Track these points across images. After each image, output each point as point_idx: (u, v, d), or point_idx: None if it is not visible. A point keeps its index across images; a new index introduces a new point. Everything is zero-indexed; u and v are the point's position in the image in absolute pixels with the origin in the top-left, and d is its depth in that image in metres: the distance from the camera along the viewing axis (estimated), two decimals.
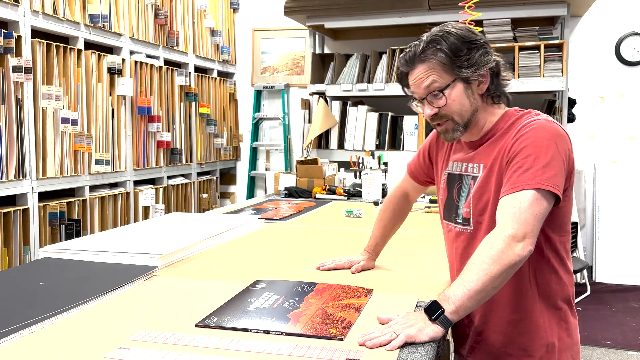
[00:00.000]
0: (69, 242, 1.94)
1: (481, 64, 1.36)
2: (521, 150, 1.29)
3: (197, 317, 1.25)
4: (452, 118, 1.39)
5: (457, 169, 1.48)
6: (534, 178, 1.24)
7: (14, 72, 2.89)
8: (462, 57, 1.34)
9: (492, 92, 1.41)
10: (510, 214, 1.22)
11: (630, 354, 3.29)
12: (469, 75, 1.35)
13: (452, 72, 1.35)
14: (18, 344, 1.13)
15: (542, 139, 1.28)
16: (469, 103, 1.38)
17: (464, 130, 1.41)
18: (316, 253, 1.95)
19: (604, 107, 4.72)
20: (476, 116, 1.40)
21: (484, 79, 1.38)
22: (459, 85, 1.36)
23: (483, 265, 1.18)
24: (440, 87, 1.36)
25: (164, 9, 4.21)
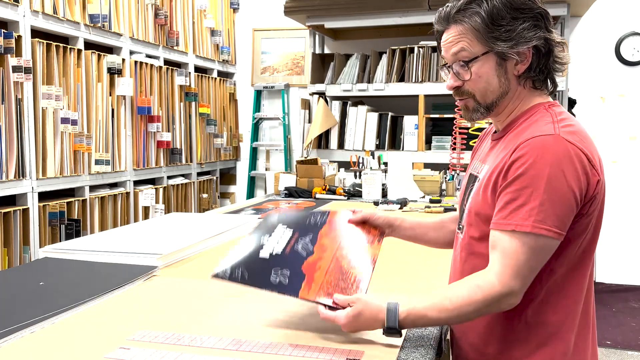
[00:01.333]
0: (69, 242, 1.94)
1: (523, 39, 1.13)
2: (519, 176, 1.08)
3: (197, 318, 1.25)
4: (473, 96, 1.20)
5: (476, 169, 1.29)
6: (527, 217, 1.05)
7: (13, 72, 2.89)
8: (501, 27, 1.12)
9: (532, 76, 1.18)
10: (507, 266, 1.06)
11: (630, 354, 3.29)
12: (505, 50, 1.13)
13: (486, 42, 1.14)
14: (18, 344, 1.13)
15: (544, 165, 1.05)
16: (497, 83, 1.17)
17: (486, 113, 1.21)
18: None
19: (604, 107, 4.72)
20: (504, 101, 1.19)
21: (524, 59, 1.16)
22: (492, 59, 1.15)
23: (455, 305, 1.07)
24: (468, 58, 1.16)
25: (163, 9, 4.20)
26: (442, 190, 3.46)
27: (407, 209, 2.92)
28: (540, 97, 1.22)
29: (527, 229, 1.05)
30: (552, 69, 1.20)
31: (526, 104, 1.20)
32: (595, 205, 1.12)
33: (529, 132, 1.12)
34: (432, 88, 4.13)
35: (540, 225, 1.05)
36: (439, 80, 4.14)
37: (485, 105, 1.20)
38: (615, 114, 4.69)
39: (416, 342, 1.15)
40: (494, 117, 1.25)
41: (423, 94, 4.11)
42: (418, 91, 4.14)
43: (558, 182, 1.05)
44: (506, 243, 1.07)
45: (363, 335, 1.14)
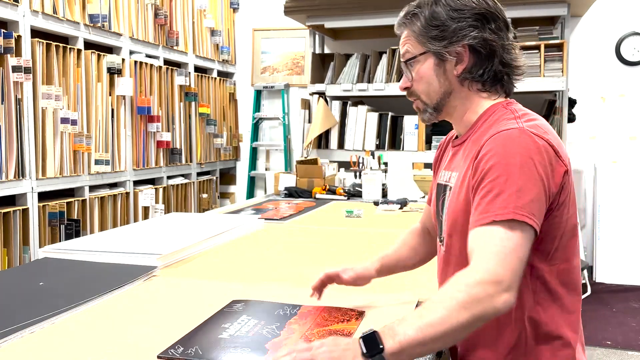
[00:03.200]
0: (69, 242, 1.94)
1: (456, 38, 1.14)
2: (490, 169, 1.04)
3: (197, 318, 1.25)
4: (419, 97, 1.22)
5: (444, 178, 1.26)
6: (505, 206, 1.00)
7: (13, 72, 2.89)
8: (437, 27, 1.15)
9: (475, 77, 1.17)
10: (492, 253, 0.97)
11: (630, 354, 3.29)
12: (439, 49, 1.15)
13: (423, 43, 1.17)
14: (18, 344, 1.13)
15: (512, 155, 1.03)
16: (437, 84, 1.18)
17: (435, 113, 1.22)
18: (316, 253, 1.95)
19: (604, 107, 4.72)
20: (450, 102, 1.20)
21: (462, 58, 1.16)
22: (430, 60, 1.17)
23: (449, 311, 0.92)
24: (408, 58, 1.20)
25: (163, 9, 4.20)
26: None
27: (407, 209, 2.92)
28: (495, 99, 1.20)
29: (508, 216, 0.99)
30: (500, 71, 1.18)
31: (481, 106, 1.19)
32: (565, 196, 1.10)
33: (492, 130, 1.11)
34: None
35: (521, 212, 1.00)
36: None
37: (432, 105, 1.21)
38: (615, 114, 4.69)
39: None
40: (449, 120, 1.26)
41: None
42: None
43: (529, 170, 1.02)
44: (487, 236, 1.00)
45: None
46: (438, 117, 1.23)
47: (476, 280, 0.95)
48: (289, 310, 1.29)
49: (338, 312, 1.27)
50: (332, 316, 1.25)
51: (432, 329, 0.91)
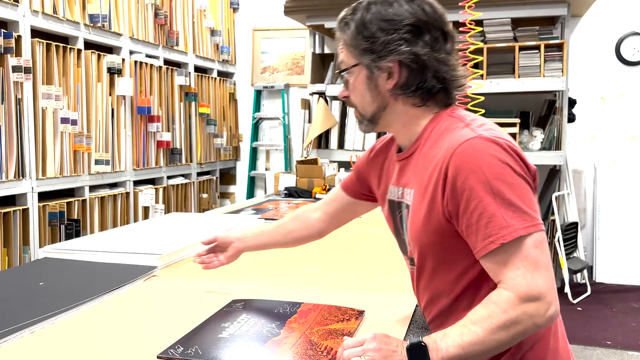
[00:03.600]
0: (69, 242, 1.94)
1: (385, 53, 1.06)
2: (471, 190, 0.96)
3: (197, 317, 1.25)
4: (356, 107, 1.16)
5: (396, 194, 1.18)
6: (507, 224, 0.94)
7: (13, 72, 2.89)
8: (367, 39, 1.08)
9: (408, 91, 1.08)
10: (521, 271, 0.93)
11: (630, 354, 3.29)
12: (368, 63, 1.08)
13: (356, 55, 1.10)
14: (18, 344, 1.13)
15: (488, 165, 0.96)
16: (370, 97, 1.11)
17: (371, 125, 1.15)
18: (316, 253, 1.95)
19: (604, 107, 4.72)
20: (385, 115, 1.13)
21: (392, 73, 1.08)
22: (362, 72, 1.11)
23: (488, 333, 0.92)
24: (343, 69, 1.14)
25: (163, 9, 4.20)
26: None
27: None
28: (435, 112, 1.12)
29: (513, 235, 0.94)
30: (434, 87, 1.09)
31: (421, 118, 1.11)
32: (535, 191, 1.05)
33: (448, 143, 1.02)
34: None
35: (523, 225, 0.94)
36: None
37: (366, 118, 1.15)
38: (615, 114, 4.69)
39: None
40: (389, 132, 1.21)
41: None
42: None
43: (510, 175, 0.96)
44: (504, 260, 0.94)
45: None
46: (376, 129, 1.17)
47: (512, 304, 0.92)
48: (289, 308, 1.29)
49: (338, 311, 1.27)
50: (332, 315, 1.25)
51: (473, 348, 0.92)
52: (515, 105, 4.39)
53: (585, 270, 4.30)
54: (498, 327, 0.92)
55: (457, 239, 1.01)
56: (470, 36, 3.15)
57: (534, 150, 4.23)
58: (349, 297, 1.38)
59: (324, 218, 1.43)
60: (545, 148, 4.24)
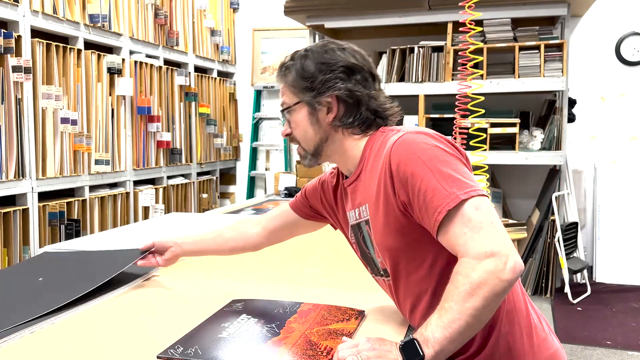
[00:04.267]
0: (69, 242, 1.94)
1: (324, 89, 1.20)
2: (412, 174, 1.05)
3: (196, 317, 1.25)
4: (299, 143, 1.28)
5: (354, 218, 1.25)
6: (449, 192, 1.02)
7: (13, 72, 2.89)
8: (308, 79, 1.22)
9: (345, 123, 1.22)
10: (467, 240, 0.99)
11: (630, 354, 3.29)
12: (309, 99, 1.22)
13: (297, 94, 1.24)
14: (18, 344, 1.13)
15: (419, 151, 1.07)
16: (312, 131, 1.24)
17: (313, 159, 1.28)
18: (316, 253, 1.95)
19: (604, 107, 4.72)
20: (327, 147, 1.25)
21: (331, 107, 1.21)
22: (304, 109, 1.23)
23: (461, 304, 0.96)
24: (285, 108, 1.26)
25: (163, 9, 4.20)
26: None
27: None
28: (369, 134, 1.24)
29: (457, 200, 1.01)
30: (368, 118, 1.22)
31: (359, 144, 1.23)
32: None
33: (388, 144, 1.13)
34: (432, 88, 4.13)
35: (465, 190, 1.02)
36: (439, 81, 4.14)
37: (310, 152, 1.27)
38: (615, 114, 4.69)
39: None
40: (331, 161, 1.30)
41: (423, 94, 4.11)
42: (418, 91, 4.14)
43: (443, 155, 1.07)
44: (453, 227, 1.01)
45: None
46: (318, 161, 1.29)
47: (471, 266, 0.97)
48: (289, 308, 1.29)
49: (338, 311, 1.27)
50: (332, 315, 1.25)
51: (455, 324, 0.96)
52: (515, 105, 4.39)
53: (585, 270, 4.30)
54: (467, 294, 0.96)
55: (419, 231, 1.09)
56: (470, 36, 3.15)
57: (534, 150, 4.23)
58: (349, 297, 1.38)
59: (262, 233, 1.51)
60: (545, 148, 4.24)
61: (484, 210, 1.01)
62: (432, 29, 4.30)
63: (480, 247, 0.98)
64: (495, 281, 0.96)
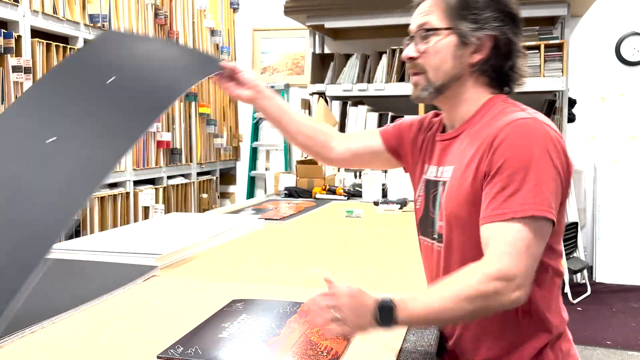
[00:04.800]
0: (69, 242, 1.94)
1: (487, 27, 1.13)
2: (505, 162, 1.03)
3: (197, 317, 1.25)
4: (426, 72, 1.17)
5: (433, 174, 1.23)
6: (524, 203, 1.00)
7: (13, 72, 2.89)
8: (471, 9, 1.13)
9: (488, 70, 1.17)
10: (506, 251, 0.98)
11: (630, 354, 3.29)
12: (467, 31, 1.13)
13: (452, 19, 1.14)
14: (18, 344, 1.13)
15: (530, 147, 1.03)
16: (451, 64, 1.15)
17: (435, 94, 1.18)
18: (316, 253, 1.95)
19: (604, 107, 4.72)
20: (454, 87, 1.17)
21: (482, 48, 1.15)
22: (452, 38, 1.14)
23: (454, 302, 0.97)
24: (430, 28, 1.16)
25: (163, 9, 4.20)
26: None
27: (407, 209, 2.92)
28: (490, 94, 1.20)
29: (527, 213, 0.99)
30: (508, 75, 1.19)
31: (480, 100, 1.18)
32: (567, 190, 1.09)
33: (501, 121, 1.09)
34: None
35: (540, 207, 1.00)
36: None
37: (435, 85, 1.17)
38: (615, 114, 4.69)
39: (416, 343, 1.14)
40: (443, 106, 1.23)
41: None
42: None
43: (546, 163, 1.02)
44: (502, 233, 1.00)
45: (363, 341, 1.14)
46: (435, 100, 1.20)
47: (486, 277, 0.97)
48: (289, 308, 1.29)
49: None
50: None
51: (438, 314, 0.98)
52: None
53: (585, 270, 4.31)
54: (467, 296, 0.96)
55: None
56: None
57: None
58: None
59: (341, 150, 1.45)
60: None
61: (539, 238, 1.00)
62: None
63: (509, 267, 0.97)
64: (495, 301, 0.97)
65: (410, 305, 0.98)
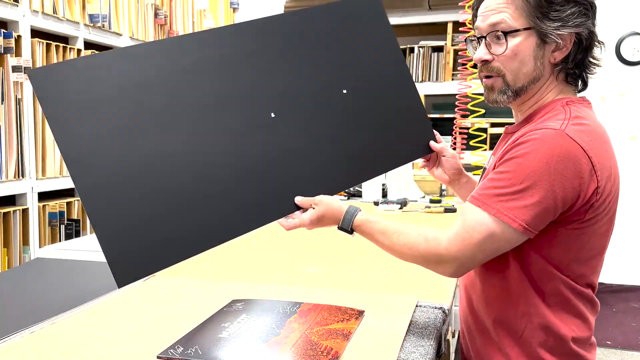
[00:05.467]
0: (69, 242, 1.94)
1: (570, 24, 1.06)
2: (509, 160, 1.05)
3: (196, 317, 1.25)
4: (504, 75, 1.12)
5: (487, 162, 1.29)
6: (498, 201, 1.02)
7: (13, 71, 2.89)
8: (552, 5, 1.05)
9: (569, 66, 1.12)
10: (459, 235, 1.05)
11: (630, 354, 3.29)
12: (549, 30, 1.06)
13: (530, 18, 1.07)
14: (18, 344, 1.13)
15: (536, 159, 1.01)
16: (532, 66, 1.10)
17: (513, 97, 1.14)
18: (316, 253, 1.95)
19: (604, 107, 4.72)
20: (533, 88, 1.13)
21: (564, 46, 1.09)
22: (532, 38, 1.08)
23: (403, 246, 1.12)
24: (508, 29, 1.08)
25: (163, 9, 4.20)
26: (442, 191, 3.46)
27: (407, 209, 2.92)
28: (568, 94, 1.17)
29: (492, 211, 1.03)
30: (586, 66, 1.16)
31: (551, 98, 1.15)
32: (594, 214, 1.05)
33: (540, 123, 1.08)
34: (432, 88, 4.13)
35: (508, 214, 1.02)
36: (439, 81, 4.14)
37: (514, 88, 1.13)
38: (615, 114, 4.69)
39: (416, 343, 1.14)
40: (517, 105, 1.19)
41: (423, 94, 4.11)
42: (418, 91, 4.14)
43: (543, 180, 1.00)
44: (471, 215, 1.06)
45: (363, 341, 1.14)
46: (514, 102, 1.17)
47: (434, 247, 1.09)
48: (289, 308, 1.29)
49: (338, 311, 1.27)
50: (332, 315, 1.25)
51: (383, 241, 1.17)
52: None
53: None
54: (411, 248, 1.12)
55: None
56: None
57: None
58: (349, 297, 1.38)
59: None
60: None
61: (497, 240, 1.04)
62: (432, 29, 4.30)
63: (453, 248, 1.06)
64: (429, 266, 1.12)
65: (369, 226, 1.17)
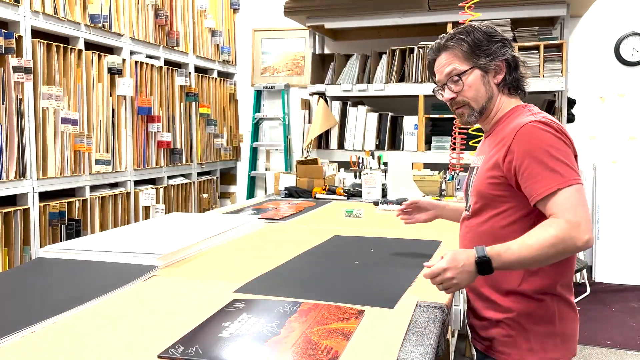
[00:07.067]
0: (69, 242, 1.94)
1: (498, 55, 1.52)
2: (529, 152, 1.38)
3: (197, 317, 1.25)
4: (468, 103, 1.54)
5: (474, 162, 1.63)
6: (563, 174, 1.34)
7: (14, 72, 2.90)
8: (482, 48, 1.51)
9: (508, 83, 1.55)
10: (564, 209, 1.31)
11: (629, 354, 3.29)
12: (485, 64, 1.51)
13: (470, 60, 1.52)
14: (18, 344, 1.13)
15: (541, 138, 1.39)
16: (484, 90, 1.54)
17: (479, 116, 1.56)
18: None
19: (604, 107, 4.73)
20: (491, 103, 1.55)
21: (500, 70, 1.53)
22: (476, 72, 1.52)
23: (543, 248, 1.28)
24: (459, 73, 1.52)
25: (164, 9, 4.21)
26: (442, 190, 3.46)
27: None
28: (516, 102, 1.58)
29: (567, 183, 1.32)
30: (518, 79, 1.57)
31: (506, 107, 1.56)
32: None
33: (515, 124, 1.45)
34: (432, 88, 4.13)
35: (573, 177, 1.34)
36: None
37: (478, 109, 1.55)
38: (615, 114, 4.70)
39: (415, 342, 1.15)
40: (483, 121, 1.59)
41: (423, 94, 4.11)
42: (418, 91, 4.15)
43: (560, 144, 1.37)
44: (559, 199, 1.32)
45: (363, 340, 1.14)
46: (480, 118, 1.57)
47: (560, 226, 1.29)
48: (289, 307, 1.30)
49: (338, 311, 1.28)
50: (332, 314, 1.26)
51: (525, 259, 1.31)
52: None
53: (584, 270, 4.31)
54: (549, 243, 1.28)
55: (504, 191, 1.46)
56: None
57: None
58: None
59: None
60: None
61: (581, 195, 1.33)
62: (432, 29, 4.30)
63: (574, 216, 1.29)
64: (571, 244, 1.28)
65: (504, 256, 1.31)
